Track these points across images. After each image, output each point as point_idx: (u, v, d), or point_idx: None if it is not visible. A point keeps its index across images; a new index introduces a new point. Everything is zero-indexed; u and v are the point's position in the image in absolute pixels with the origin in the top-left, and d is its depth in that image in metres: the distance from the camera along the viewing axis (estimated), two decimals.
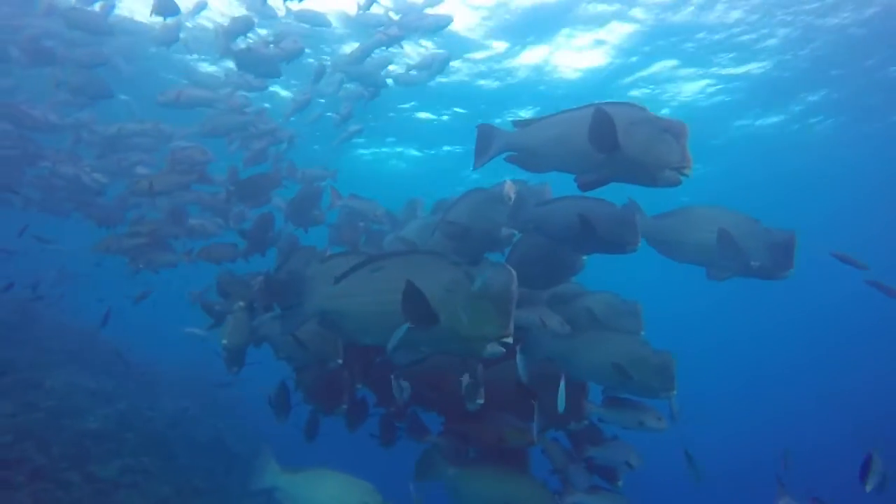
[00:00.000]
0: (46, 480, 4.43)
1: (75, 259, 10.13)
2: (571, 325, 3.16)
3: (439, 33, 8.16)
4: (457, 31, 8.95)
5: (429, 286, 2.07)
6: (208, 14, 8.32)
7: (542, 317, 3.09)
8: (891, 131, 12.01)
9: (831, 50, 9.22)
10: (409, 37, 8.14)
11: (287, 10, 7.53)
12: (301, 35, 6.89)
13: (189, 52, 8.84)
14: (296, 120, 8.70)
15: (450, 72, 10.13)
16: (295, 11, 7.50)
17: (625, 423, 3.03)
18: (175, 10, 6.22)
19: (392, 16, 7.34)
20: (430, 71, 8.10)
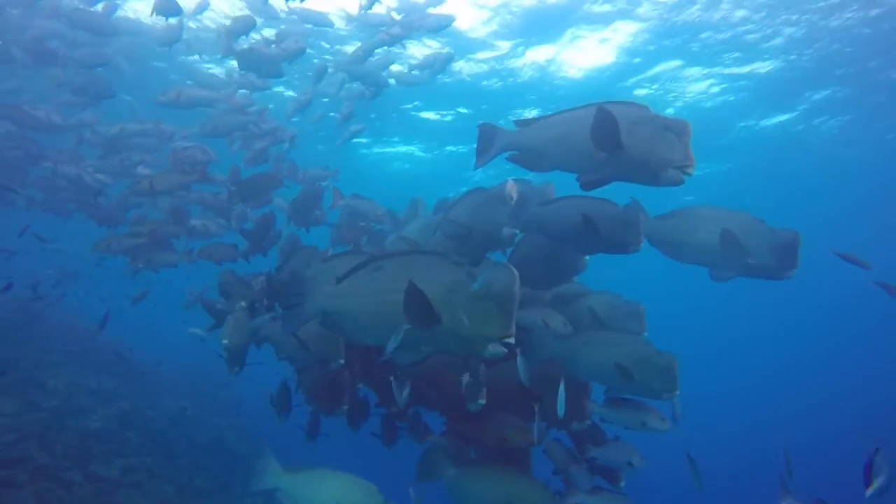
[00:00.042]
0: (49, 480, 4.43)
1: (77, 259, 10.16)
2: (573, 326, 3.15)
3: (444, 32, 8.14)
4: (462, 30, 8.93)
5: (430, 286, 2.06)
6: (212, 15, 8.33)
7: (545, 317, 3.07)
8: None
9: (836, 49, 9.19)
10: (411, 36, 8.13)
11: (289, 10, 7.53)
12: (303, 35, 6.88)
13: (191, 52, 8.84)
14: (298, 120, 8.70)
15: (454, 71, 10.11)
16: (297, 11, 7.50)
17: (627, 424, 3.02)
18: (177, 10, 6.22)
19: (394, 15, 7.34)
20: (432, 70, 8.09)
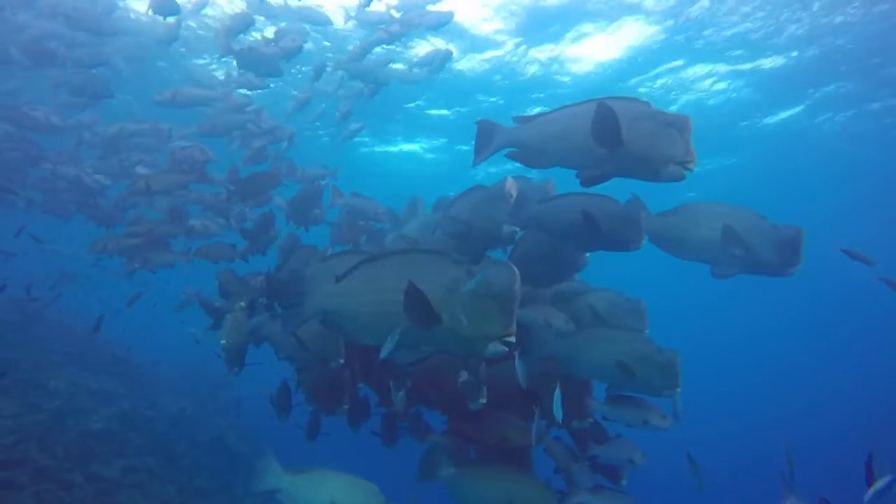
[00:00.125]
0: (50, 481, 4.43)
1: (75, 260, 10.15)
2: (575, 323, 3.13)
3: (447, 29, 8.08)
4: (466, 28, 8.88)
5: (430, 286, 2.04)
6: (213, 14, 8.29)
7: (547, 315, 3.06)
8: None
9: (840, 46, 9.15)
10: (414, 34, 8.08)
11: (287, 7, 7.49)
12: (301, 33, 6.84)
13: (191, 52, 8.82)
14: (301, 119, 8.68)
15: (458, 68, 10.06)
16: (296, 9, 7.47)
17: (629, 422, 3.00)
18: (175, 9, 6.19)
19: (393, 13, 7.31)
20: (432, 67, 8.04)
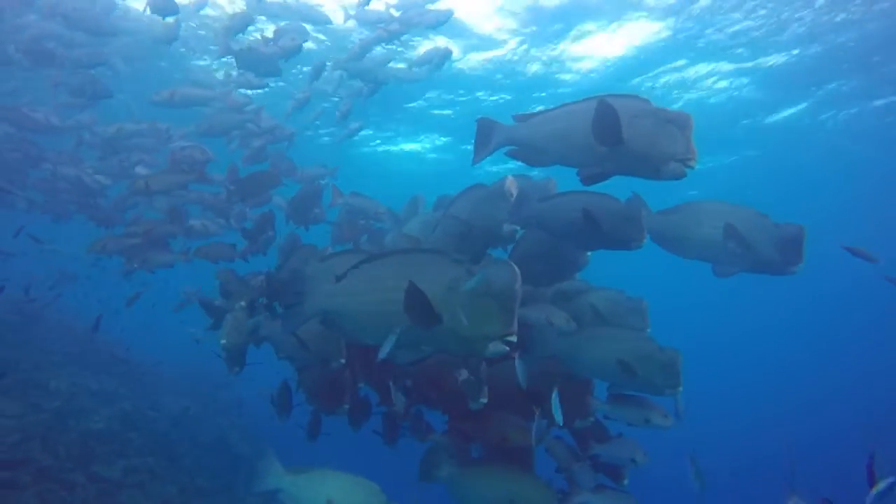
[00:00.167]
0: (51, 481, 4.43)
1: (74, 260, 10.15)
2: (576, 322, 3.12)
3: (449, 28, 8.06)
4: (468, 26, 8.86)
5: (430, 285, 2.03)
6: (213, 14, 8.28)
7: (548, 314, 3.05)
8: None
9: (842, 44, 9.12)
10: (415, 33, 8.05)
11: (287, 6, 7.48)
12: (300, 32, 6.83)
13: (190, 52, 8.80)
14: (301, 119, 8.67)
15: (460, 67, 10.04)
16: (295, 8, 7.45)
17: (630, 421, 3.00)
18: (174, 9, 6.17)
19: (393, 12, 7.29)
20: (431, 66, 8.02)
